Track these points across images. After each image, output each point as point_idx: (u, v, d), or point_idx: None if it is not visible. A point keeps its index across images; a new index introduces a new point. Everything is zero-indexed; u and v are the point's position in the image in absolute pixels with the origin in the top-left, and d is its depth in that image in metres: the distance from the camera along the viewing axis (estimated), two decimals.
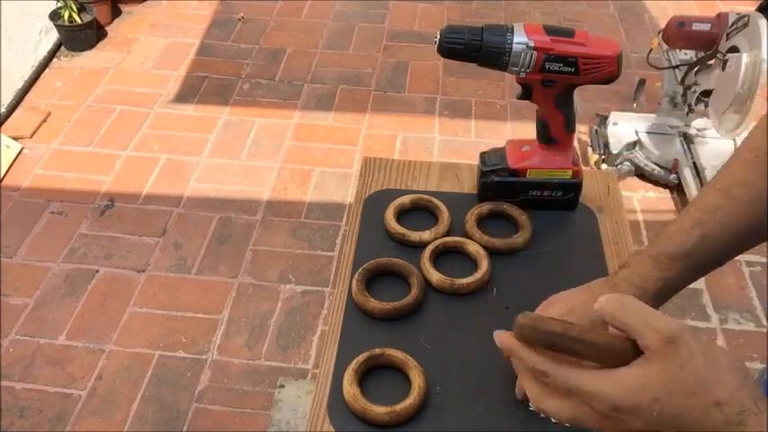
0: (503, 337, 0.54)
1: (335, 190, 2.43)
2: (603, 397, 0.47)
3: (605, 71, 0.85)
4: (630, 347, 0.48)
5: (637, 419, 0.46)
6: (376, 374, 0.77)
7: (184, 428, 1.75)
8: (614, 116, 2.56)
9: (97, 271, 2.13)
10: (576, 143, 1.00)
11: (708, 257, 0.69)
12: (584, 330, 0.49)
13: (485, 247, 0.90)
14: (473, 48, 0.84)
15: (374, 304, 0.83)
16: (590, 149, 2.57)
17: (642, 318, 0.47)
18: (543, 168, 0.95)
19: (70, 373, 1.86)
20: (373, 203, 0.98)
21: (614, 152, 2.47)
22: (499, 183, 0.96)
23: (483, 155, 0.99)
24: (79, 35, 3.04)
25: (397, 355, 0.77)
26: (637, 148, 2.48)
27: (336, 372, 0.77)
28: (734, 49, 2.18)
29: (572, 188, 0.97)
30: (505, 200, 0.97)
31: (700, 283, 2.14)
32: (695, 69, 2.40)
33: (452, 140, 2.66)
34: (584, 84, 0.87)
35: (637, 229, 2.31)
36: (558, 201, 0.97)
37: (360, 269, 0.86)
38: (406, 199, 0.97)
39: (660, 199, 2.45)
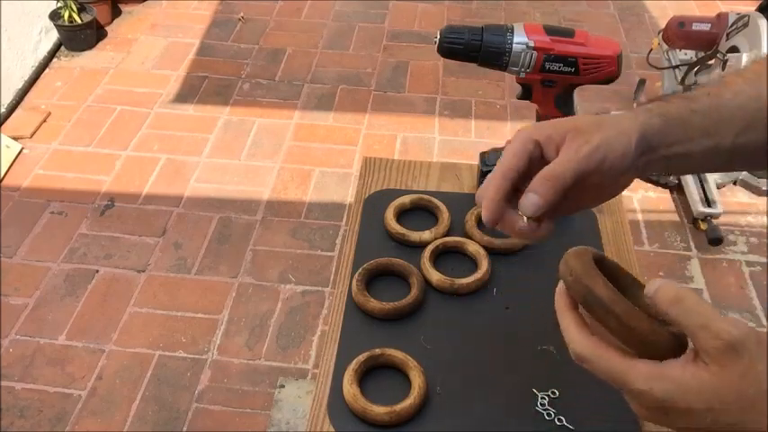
0: (557, 295, 0.52)
1: (335, 190, 2.43)
2: (652, 395, 0.44)
3: (605, 71, 0.85)
4: (674, 342, 0.45)
5: (685, 421, 0.44)
6: (376, 374, 0.77)
7: (184, 428, 1.75)
8: None
9: (97, 271, 2.13)
10: None
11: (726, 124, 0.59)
12: (629, 311, 0.45)
13: (485, 247, 0.90)
14: (473, 48, 0.84)
15: (374, 304, 0.83)
16: None
17: (701, 319, 0.43)
18: None
19: (70, 373, 1.86)
20: (373, 203, 0.98)
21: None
22: None
23: (483, 155, 0.99)
24: (79, 35, 3.04)
25: (397, 355, 0.77)
26: None
27: (336, 372, 0.77)
28: (734, 49, 2.18)
29: None
30: None
31: (700, 283, 2.14)
32: (695, 69, 2.40)
33: (452, 140, 2.66)
34: (584, 84, 0.87)
35: (637, 229, 2.31)
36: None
37: (360, 269, 0.86)
38: (406, 199, 0.97)
39: (660, 199, 2.45)
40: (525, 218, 0.55)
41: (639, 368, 0.45)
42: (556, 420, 0.73)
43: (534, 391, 0.76)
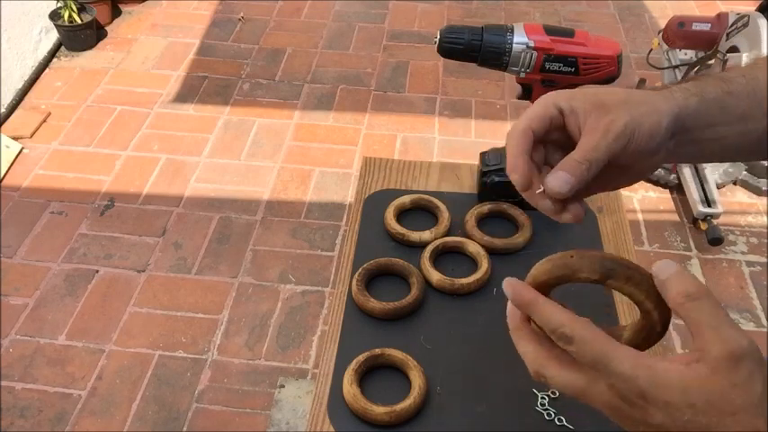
0: (518, 288, 0.49)
1: (335, 190, 2.43)
2: (635, 382, 0.42)
3: (605, 71, 0.85)
4: (660, 326, 0.46)
5: (662, 416, 0.42)
6: (376, 374, 0.77)
7: (184, 428, 1.75)
8: None
9: (97, 271, 2.13)
10: None
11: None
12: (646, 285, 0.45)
13: (485, 247, 0.90)
14: (473, 48, 0.84)
15: (374, 304, 0.83)
16: None
17: (714, 320, 0.42)
18: None
19: (70, 373, 1.86)
20: (373, 203, 0.98)
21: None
22: (499, 183, 0.96)
23: (483, 155, 0.99)
24: (79, 35, 3.04)
25: (397, 355, 0.77)
26: None
27: (336, 372, 0.77)
28: (734, 49, 2.18)
29: None
30: (505, 200, 0.97)
31: None
32: (695, 69, 2.40)
33: (452, 140, 2.66)
34: (584, 84, 0.86)
35: (637, 229, 2.31)
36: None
37: (360, 269, 0.86)
38: (406, 199, 0.97)
39: (660, 199, 2.45)
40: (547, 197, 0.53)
41: (627, 353, 0.43)
42: (556, 420, 0.73)
43: (534, 391, 0.76)
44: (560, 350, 0.47)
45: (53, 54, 3.03)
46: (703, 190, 2.30)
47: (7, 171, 2.46)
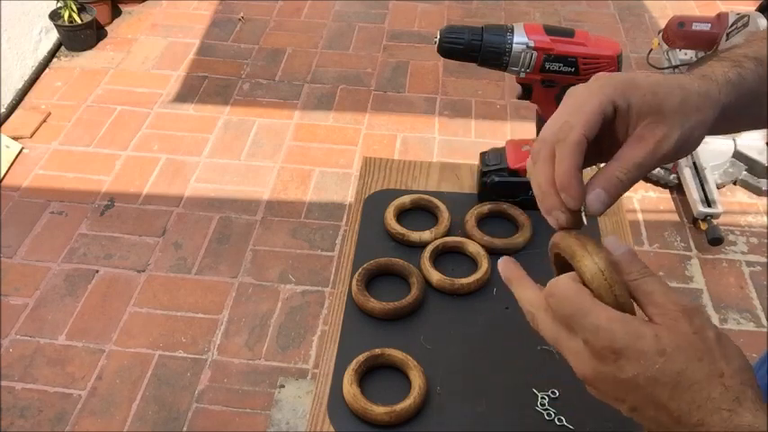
0: (507, 262, 0.53)
1: (335, 190, 2.43)
2: (609, 334, 0.44)
3: (605, 71, 0.85)
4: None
5: (634, 367, 0.44)
6: (376, 374, 0.77)
7: (184, 428, 1.75)
8: None
9: (97, 271, 2.13)
10: None
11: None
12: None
13: (485, 247, 0.90)
14: (473, 48, 0.84)
15: (374, 304, 0.83)
16: None
17: (663, 288, 0.46)
18: None
19: (70, 373, 1.86)
20: (373, 203, 0.98)
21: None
22: (499, 183, 0.96)
23: (483, 155, 0.99)
24: (79, 35, 3.04)
25: (397, 355, 0.77)
26: None
27: (336, 372, 0.77)
28: None
29: None
30: (505, 200, 0.97)
31: (700, 283, 2.14)
32: None
33: (452, 140, 2.66)
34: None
35: (637, 229, 2.31)
36: None
37: (360, 269, 0.86)
38: (406, 199, 0.97)
39: (660, 199, 2.45)
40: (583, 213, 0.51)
41: (605, 309, 0.45)
42: (556, 420, 0.73)
43: (534, 391, 0.76)
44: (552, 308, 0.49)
45: (53, 54, 3.03)
46: (703, 190, 2.30)
47: (7, 171, 2.46)
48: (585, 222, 0.51)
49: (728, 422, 0.42)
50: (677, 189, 2.44)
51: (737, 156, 2.45)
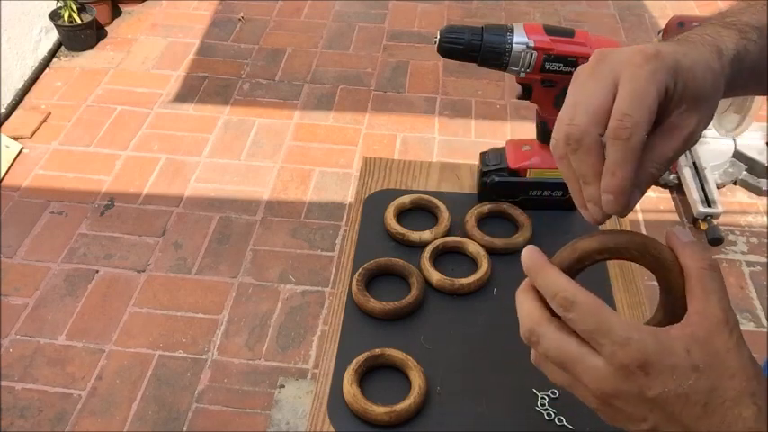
0: (532, 251, 0.47)
1: (335, 190, 2.43)
2: (641, 346, 0.40)
3: None
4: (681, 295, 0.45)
5: (664, 383, 0.40)
6: (376, 374, 0.77)
7: (184, 428, 1.75)
8: None
9: (97, 271, 2.13)
10: None
11: None
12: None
13: (485, 247, 0.90)
14: (473, 48, 0.84)
15: (374, 304, 0.83)
16: None
17: (722, 292, 0.43)
18: (543, 168, 0.95)
19: (70, 373, 1.86)
20: (373, 203, 0.98)
21: None
22: (499, 183, 0.96)
23: (483, 155, 0.99)
24: (79, 35, 3.04)
25: (397, 355, 0.77)
26: None
27: (336, 372, 0.77)
28: None
29: None
30: (505, 200, 0.97)
31: None
32: None
33: (452, 140, 2.66)
34: None
35: (637, 229, 2.31)
36: (558, 201, 0.97)
37: (360, 269, 0.86)
38: (406, 199, 0.97)
39: (660, 199, 2.45)
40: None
41: (629, 321, 0.42)
42: (556, 420, 0.73)
43: (534, 391, 0.76)
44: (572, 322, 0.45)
45: (53, 54, 3.03)
46: (703, 190, 2.30)
47: (7, 171, 2.46)
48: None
49: None
50: (677, 189, 2.44)
51: (737, 156, 2.45)
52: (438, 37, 0.85)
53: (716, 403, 0.40)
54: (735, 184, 2.48)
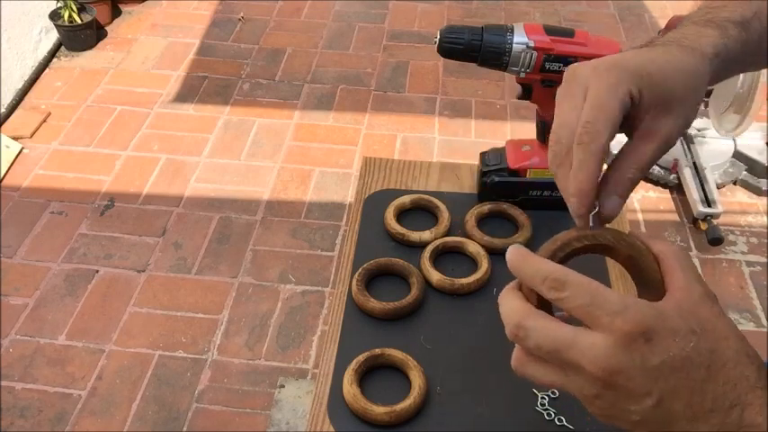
0: (517, 248, 0.46)
1: (335, 190, 2.43)
2: (638, 314, 0.40)
3: None
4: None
5: (668, 348, 0.40)
6: (376, 374, 0.77)
7: (184, 428, 1.75)
8: None
9: (97, 271, 2.13)
10: None
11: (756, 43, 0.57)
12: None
13: (485, 247, 0.90)
14: (473, 48, 0.84)
15: (374, 304, 0.83)
16: None
17: (695, 272, 0.44)
18: (543, 168, 0.95)
19: (70, 373, 1.86)
20: (373, 203, 0.98)
21: (614, 152, 2.46)
22: (499, 183, 0.96)
23: (483, 155, 0.99)
24: (79, 35, 3.04)
25: (397, 354, 0.77)
26: None
27: (336, 372, 0.77)
28: None
29: None
30: (505, 200, 0.97)
31: None
32: None
33: (452, 140, 2.66)
34: None
35: (637, 229, 2.31)
36: (558, 201, 0.97)
37: (360, 269, 0.86)
38: (406, 199, 0.97)
39: (660, 199, 2.45)
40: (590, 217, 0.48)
41: (622, 294, 0.42)
42: (556, 420, 0.73)
43: (534, 391, 0.76)
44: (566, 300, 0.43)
45: (53, 54, 3.03)
46: (703, 190, 2.30)
47: (7, 171, 2.46)
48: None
49: None
50: (677, 189, 2.44)
51: (737, 156, 2.45)
52: (438, 37, 0.85)
53: (718, 365, 0.40)
54: (735, 184, 2.48)
